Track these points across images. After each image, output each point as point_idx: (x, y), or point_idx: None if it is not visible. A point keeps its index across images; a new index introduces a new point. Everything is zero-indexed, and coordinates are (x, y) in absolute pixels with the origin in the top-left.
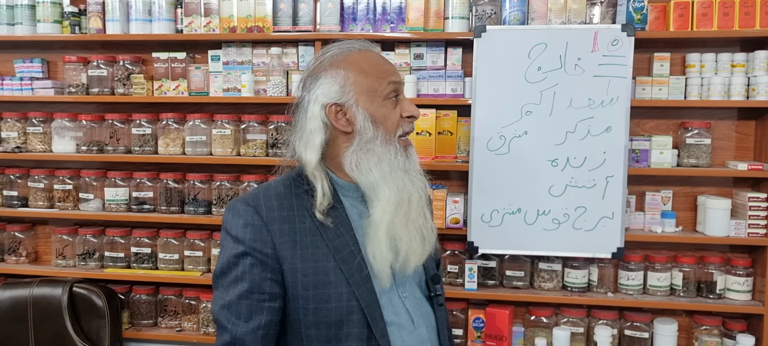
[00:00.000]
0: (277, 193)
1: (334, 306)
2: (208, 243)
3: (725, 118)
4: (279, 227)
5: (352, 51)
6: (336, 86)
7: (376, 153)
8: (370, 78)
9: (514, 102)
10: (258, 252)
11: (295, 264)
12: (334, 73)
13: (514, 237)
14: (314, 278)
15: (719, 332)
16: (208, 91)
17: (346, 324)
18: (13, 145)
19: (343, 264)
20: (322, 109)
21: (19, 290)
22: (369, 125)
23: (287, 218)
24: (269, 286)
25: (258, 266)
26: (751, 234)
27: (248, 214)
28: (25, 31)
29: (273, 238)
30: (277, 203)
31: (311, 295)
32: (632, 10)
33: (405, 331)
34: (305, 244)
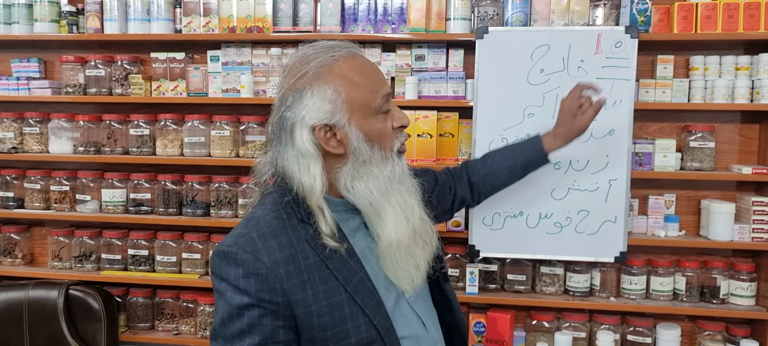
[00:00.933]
0: (272, 230)
1: (354, 341)
2: (206, 245)
3: (729, 122)
4: (285, 270)
5: (337, 60)
6: (326, 105)
7: (373, 173)
8: (362, 92)
9: (516, 104)
10: (267, 302)
11: (309, 306)
12: (322, 89)
13: (515, 241)
14: (330, 317)
15: (723, 337)
16: (207, 91)
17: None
18: (9, 146)
19: (356, 295)
20: (310, 131)
21: (14, 292)
22: (364, 146)
23: (291, 258)
24: (283, 334)
25: (268, 315)
26: (755, 238)
27: (248, 263)
28: (22, 31)
29: (281, 284)
30: (276, 244)
31: (330, 335)
32: (636, 11)
33: (423, 339)
34: (314, 281)
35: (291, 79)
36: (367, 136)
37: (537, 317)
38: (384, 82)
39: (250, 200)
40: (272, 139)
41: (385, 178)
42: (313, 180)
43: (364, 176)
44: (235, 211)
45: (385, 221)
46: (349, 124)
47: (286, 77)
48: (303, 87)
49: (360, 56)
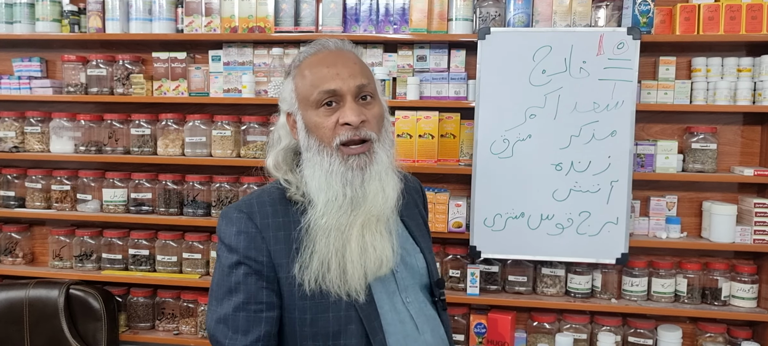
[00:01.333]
0: (272, 199)
1: (331, 316)
2: (207, 245)
3: (731, 123)
4: (274, 234)
5: (307, 55)
6: (286, 95)
7: (313, 161)
8: (306, 84)
9: (518, 105)
10: (252, 261)
11: (291, 272)
12: (288, 81)
13: (517, 242)
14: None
15: (724, 339)
16: (209, 91)
17: (343, 335)
18: (10, 145)
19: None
20: (284, 116)
21: (15, 291)
22: (304, 134)
23: (282, 225)
24: (266, 295)
25: (253, 275)
26: (756, 241)
27: (241, 221)
28: (23, 30)
29: (268, 245)
30: (271, 210)
31: (308, 304)
32: (638, 13)
33: (410, 338)
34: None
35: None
36: (307, 126)
37: (538, 318)
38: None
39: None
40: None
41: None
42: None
43: (308, 163)
44: None
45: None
46: (298, 114)
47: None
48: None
49: (325, 52)
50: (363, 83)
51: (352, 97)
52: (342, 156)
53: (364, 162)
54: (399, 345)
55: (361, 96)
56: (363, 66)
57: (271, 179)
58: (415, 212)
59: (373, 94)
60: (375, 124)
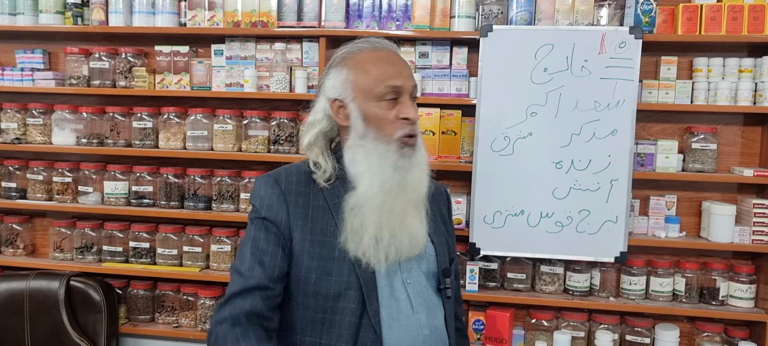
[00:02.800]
0: (299, 171)
1: (334, 279)
2: (208, 239)
3: (732, 124)
4: (294, 199)
5: (362, 50)
6: (337, 83)
7: (367, 147)
8: (368, 78)
9: (519, 103)
10: (273, 217)
11: (305, 235)
12: (338, 70)
13: (516, 239)
14: (320, 251)
15: (721, 338)
16: (211, 85)
17: (342, 298)
18: (12, 137)
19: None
20: (326, 101)
21: (15, 282)
22: (360, 123)
23: (303, 193)
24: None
25: (273, 228)
26: (755, 241)
27: (269, 185)
28: (27, 22)
29: (288, 207)
30: (296, 179)
31: (315, 265)
32: (640, 12)
33: (402, 314)
34: (316, 219)
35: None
36: (365, 116)
37: (536, 315)
38: (396, 76)
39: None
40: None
41: (377, 155)
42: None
43: (359, 149)
44: (237, 205)
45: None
46: (353, 103)
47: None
48: (329, 68)
49: (385, 50)
50: (415, 85)
51: (409, 96)
52: (398, 146)
53: (412, 153)
54: (391, 317)
55: (412, 96)
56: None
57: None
58: (436, 210)
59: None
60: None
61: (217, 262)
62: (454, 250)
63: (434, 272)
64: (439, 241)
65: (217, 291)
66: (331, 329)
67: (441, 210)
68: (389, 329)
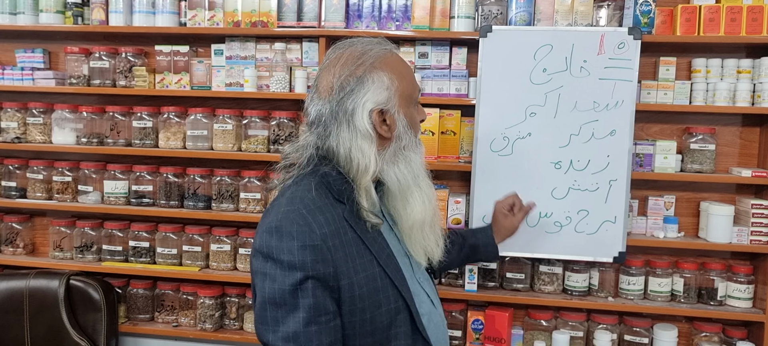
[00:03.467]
0: (318, 207)
1: (384, 310)
2: (207, 239)
3: (730, 125)
4: (333, 243)
5: (389, 52)
6: (383, 91)
7: (410, 157)
8: (407, 83)
9: (518, 103)
10: (321, 274)
11: (351, 278)
12: (380, 76)
13: (515, 239)
14: (367, 288)
15: (719, 339)
16: (211, 85)
17: (394, 325)
18: (12, 136)
19: (386, 268)
20: (368, 115)
21: (15, 281)
22: (408, 130)
23: (336, 232)
24: (331, 305)
25: (320, 287)
26: (753, 241)
27: (304, 235)
28: (27, 21)
29: (332, 255)
30: (323, 219)
31: (367, 305)
32: (639, 13)
33: (434, 313)
34: (353, 255)
35: (350, 67)
36: (410, 123)
37: (535, 315)
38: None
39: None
40: (318, 122)
41: (418, 163)
42: (368, 160)
43: (401, 160)
44: (237, 205)
45: (411, 203)
46: (398, 111)
47: (342, 66)
48: (363, 74)
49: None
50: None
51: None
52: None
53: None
54: (429, 324)
55: None
56: None
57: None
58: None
59: None
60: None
61: (216, 261)
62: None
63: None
64: None
65: (216, 290)
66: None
67: None
68: (432, 333)
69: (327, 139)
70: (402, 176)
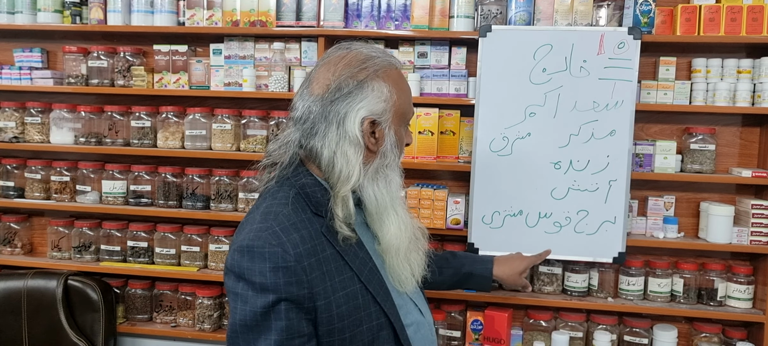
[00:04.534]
0: (293, 223)
1: (366, 328)
2: (206, 239)
3: (730, 125)
4: (308, 262)
5: (393, 65)
6: (380, 102)
7: (390, 178)
8: (405, 100)
9: (517, 103)
10: (294, 296)
11: (328, 297)
12: (380, 86)
13: (514, 239)
14: (346, 306)
15: (719, 339)
16: (209, 84)
17: (376, 341)
18: (10, 135)
19: (368, 284)
20: (361, 121)
21: (13, 281)
22: (394, 149)
23: (312, 251)
24: (306, 326)
25: (294, 309)
26: (753, 242)
27: (276, 256)
28: (25, 20)
29: (307, 276)
30: (298, 237)
31: (346, 324)
32: (639, 13)
33: (422, 323)
34: (331, 272)
35: (352, 69)
36: (398, 142)
37: (534, 316)
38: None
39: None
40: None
41: (396, 186)
42: (351, 169)
43: (381, 179)
44: (235, 205)
45: (386, 225)
46: (390, 127)
47: (344, 66)
48: (364, 79)
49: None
50: None
51: None
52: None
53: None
54: (415, 335)
55: None
56: None
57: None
58: None
59: None
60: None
61: (215, 261)
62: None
63: None
64: None
65: (215, 290)
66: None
67: None
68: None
69: (312, 138)
70: (380, 196)
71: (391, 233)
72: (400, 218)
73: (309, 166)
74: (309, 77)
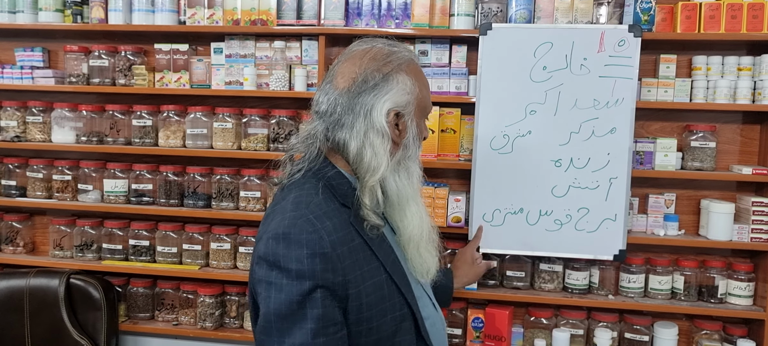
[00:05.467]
0: (325, 212)
1: (390, 318)
2: (207, 237)
3: (730, 122)
4: (341, 250)
5: (414, 60)
6: (405, 94)
7: (411, 169)
8: (425, 94)
9: (518, 101)
10: (330, 283)
11: (359, 286)
12: (405, 79)
13: (515, 237)
14: (374, 296)
15: (720, 336)
16: (210, 83)
17: (399, 332)
18: (12, 135)
19: (393, 274)
20: (387, 113)
21: (15, 280)
22: (416, 141)
23: (344, 239)
24: (339, 315)
25: (328, 297)
26: (754, 239)
27: (313, 243)
28: (26, 20)
29: (342, 263)
30: (331, 225)
31: (374, 313)
32: (639, 10)
33: (436, 317)
34: (361, 262)
35: (377, 62)
36: (418, 134)
37: (535, 313)
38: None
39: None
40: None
41: (417, 177)
42: (379, 160)
43: (403, 170)
44: (237, 203)
45: (408, 217)
46: (412, 119)
47: (369, 60)
48: (390, 72)
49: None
50: None
51: None
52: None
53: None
54: (431, 326)
55: None
56: None
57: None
58: None
59: None
60: None
61: (216, 260)
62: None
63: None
64: None
65: (216, 289)
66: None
67: None
68: (434, 338)
69: (338, 130)
70: (402, 186)
71: (413, 224)
72: (421, 210)
73: (333, 158)
74: (332, 72)
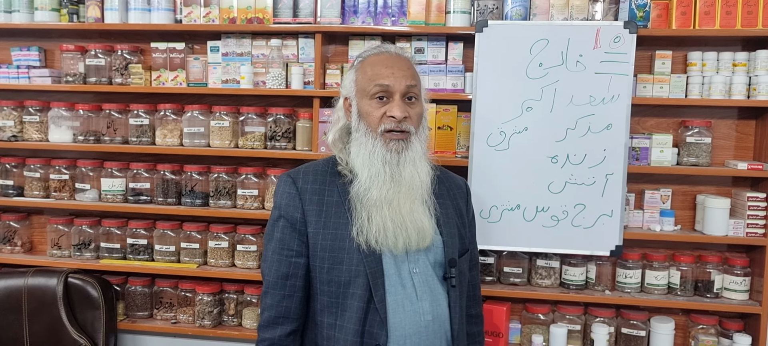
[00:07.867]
0: (315, 169)
1: (344, 268)
2: (205, 235)
3: (726, 118)
4: (309, 197)
5: (370, 54)
6: (347, 83)
7: (360, 141)
8: (365, 79)
9: (514, 98)
10: (290, 216)
11: (318, 228)
12: (351, 71)
13: (512, 233)
14: (332, 242)
15: (716, 331)
16: (207, 82)
17: (352, 285)
18: (9, 134)
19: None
20: (342, 100)
21: (13, 280)
22: (356, 118)
23: (318, 191)
24: (296, 244)
25: (288, 227)
26: (749, 234)
27: (287, 184)
28: (22, 19)
29: (303, 205)
30: (312, 178)
31: (327, 256)
32: (635, 7)
33: (407, 301)
34: (330, 213)
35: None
36: (360, 112)
37: (533, 309)
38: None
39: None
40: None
41: (367, 149)
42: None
43: (355, 142)
44: (234, 201)
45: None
46: (354, 101)
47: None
48: (347, 70)
49: (386, 54)
50: (411, 84)
51: (400, 96)
52: (384, 141)
53: (402, 147)
54: (396, 303)
55: (408, 96)
56: (415, 72)
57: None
58: (448, 203)
59: (418, 96)
60: (415, 120)
61: (214, 258)
62: (470, 240)
63: (441, 262)
64: (448, 233)
65: (214, 287)
66: (344, 312)
67: (457, 203)
68: (394, 314)
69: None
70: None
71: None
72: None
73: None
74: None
